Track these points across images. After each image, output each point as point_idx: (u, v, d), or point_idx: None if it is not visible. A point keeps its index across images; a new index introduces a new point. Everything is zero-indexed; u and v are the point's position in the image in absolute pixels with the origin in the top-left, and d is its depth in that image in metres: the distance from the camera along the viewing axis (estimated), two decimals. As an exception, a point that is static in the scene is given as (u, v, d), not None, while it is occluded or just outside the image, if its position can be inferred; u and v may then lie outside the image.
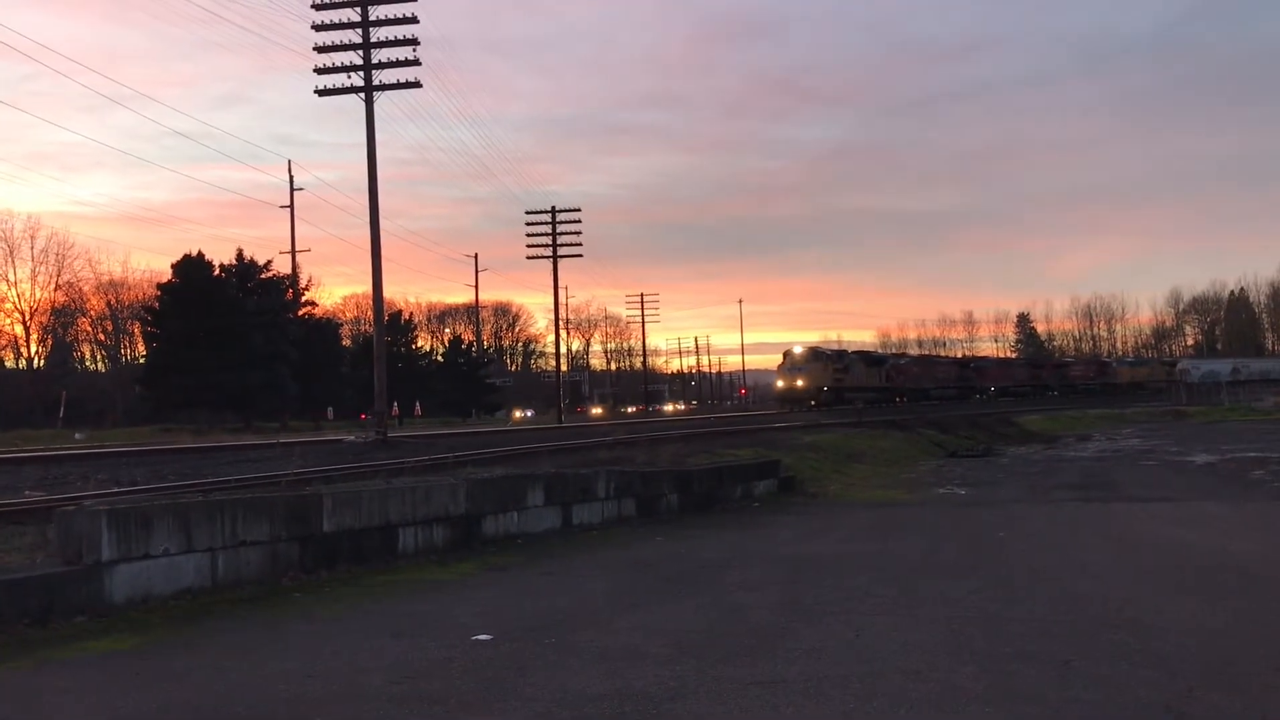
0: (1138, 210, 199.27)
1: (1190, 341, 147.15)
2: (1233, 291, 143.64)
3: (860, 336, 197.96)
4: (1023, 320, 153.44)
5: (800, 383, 60.35)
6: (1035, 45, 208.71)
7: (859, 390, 63.34)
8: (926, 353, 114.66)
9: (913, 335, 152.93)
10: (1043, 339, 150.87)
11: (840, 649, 7.16)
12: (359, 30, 32.42)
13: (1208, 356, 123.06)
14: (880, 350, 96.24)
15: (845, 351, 68.69)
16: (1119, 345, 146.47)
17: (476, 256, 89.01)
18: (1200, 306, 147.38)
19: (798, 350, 63.54)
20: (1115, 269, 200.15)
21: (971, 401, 73.53)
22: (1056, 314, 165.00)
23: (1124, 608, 8.56)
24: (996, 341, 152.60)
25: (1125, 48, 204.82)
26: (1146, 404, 76.23)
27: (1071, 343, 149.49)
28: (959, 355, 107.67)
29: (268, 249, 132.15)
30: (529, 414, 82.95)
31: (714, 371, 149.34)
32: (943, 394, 72.79)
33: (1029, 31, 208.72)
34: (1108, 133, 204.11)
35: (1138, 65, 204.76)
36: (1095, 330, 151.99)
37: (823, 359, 62.28)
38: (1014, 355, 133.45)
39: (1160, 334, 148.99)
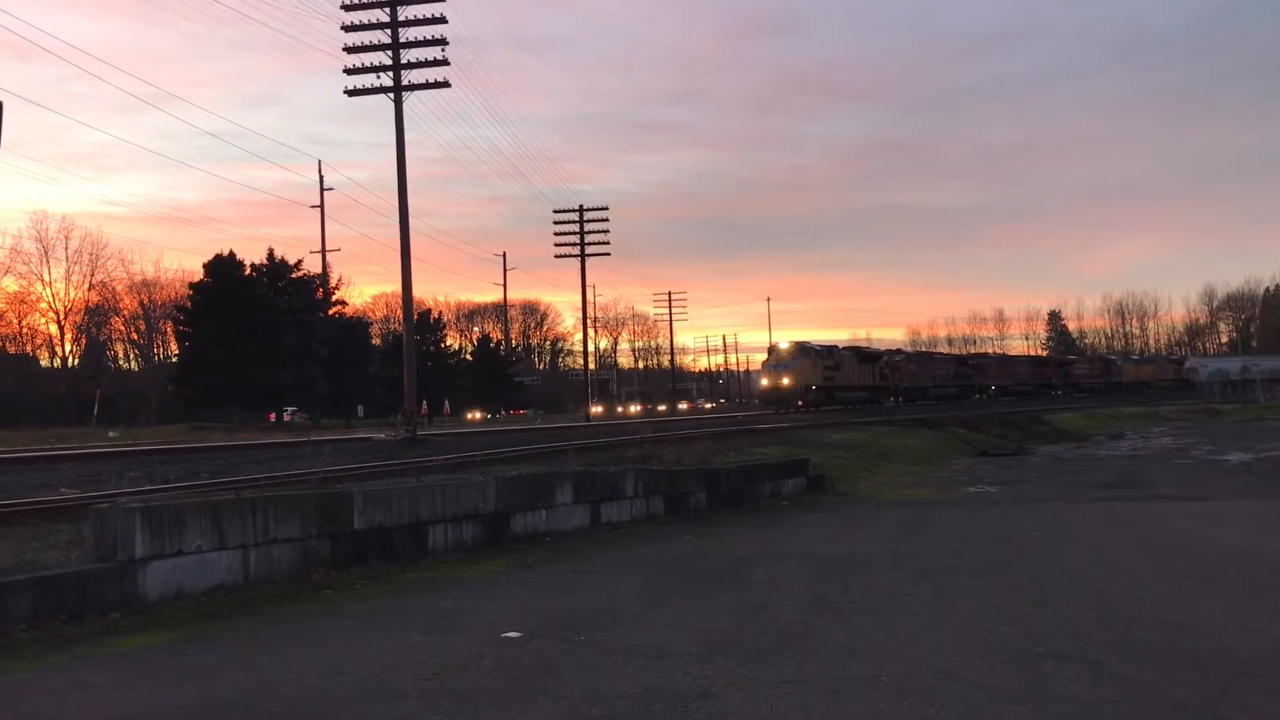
0: (1171, 206, 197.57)
1: (1224, 339, 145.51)
2: (1268, 288, 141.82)
3: (890, 334, 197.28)
4: (1054, 318, 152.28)
5: (786, 381, 55.54)
6: (1065, 39, 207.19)
7: (851, 389, 59.37)
8: (925, 349, 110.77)
9: (943, 333, 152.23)
10: (1074, 337, 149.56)
11: (871, 648, 7.13)
12: (388, 30, 32.61)
13: (1215, 354, 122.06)
14: (875, 346, 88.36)
15: (836, 347, 62.87)
16: (1151, 343, 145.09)
17: (505, 255, 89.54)
18: (1234, 303, 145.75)
19: (783, 346, 58.35)
20: (1148, 266, 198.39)
21: (971, 401, 69.90)
22: (1088, 311, 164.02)
23: (1158, 608, 8.48)
24: (1027, 339, 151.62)
25: (1157, 41, 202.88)
26: (1180, 402, 75.31)
27: (1103, 340, 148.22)
28: (959, 352, 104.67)
29: (298, 248, 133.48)
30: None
31: (742, 370, 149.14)
32: (941, 393, 68.97)
33: (1059, 25, 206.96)
34: (1140, 127, 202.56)
35: (1170, 59, 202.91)
36: (1127, 328, 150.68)
37: (811, 355, 57.06)
38: (1044, 353, 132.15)
39: (1194, 331, 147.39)
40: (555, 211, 61.73)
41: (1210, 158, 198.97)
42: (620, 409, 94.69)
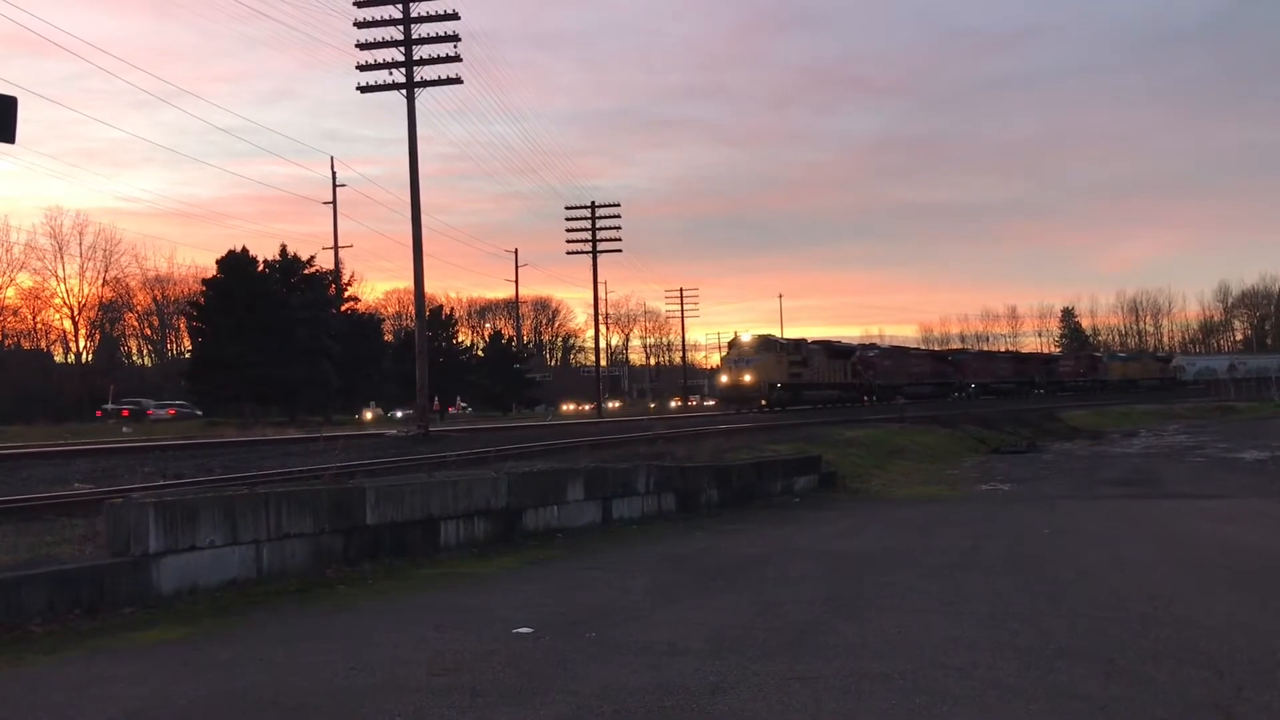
0: (1187, 202, 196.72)
1: (1239, 336, 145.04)
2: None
3: (903, 331, 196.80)
4: (1067, 315, 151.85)
5: (748, 378, 50.56)
6: (1086, 35, 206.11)
7: (820, 387, 55.47)
8: (901, 345, 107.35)
9: (956, 330, 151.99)
10: (1087, 334, 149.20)
11: (882, 645, 7.12)
12: (401, 26, 32.68)
13: (1202, 354, 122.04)
14: (847, 340, 79.65)
15: (804, 341, 57.71)
16: (1165, 340, 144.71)
17: (517, 252, 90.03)
18: (1250, 301, 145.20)
19: (746, 339, 53.29)
20: (1163, 263, 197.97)
21: (950, 400, 66.61)
22: (1102, 309, 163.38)
23: (1171, 606, 8.44)
24: (1040, 336, 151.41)
25: (1174, 37, 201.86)
26: (1197, 400, 74.98)
27: (1117, 337, 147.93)
28: (938, 349, 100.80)
29: (311, 245, 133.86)
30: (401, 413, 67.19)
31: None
32: (917, 391, 65.39)
33: (1080, 21, 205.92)
34: (1158, 123, 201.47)
35: (1187, 55, 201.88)
36: (1141, 324, 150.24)
37: (775, 349, 52.29)
38: (1055, 349, 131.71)
39: (1208, 329, 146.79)
40: (568, 208, 62.06)
41: (1227, 155, 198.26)
42: (616, 404, 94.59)
